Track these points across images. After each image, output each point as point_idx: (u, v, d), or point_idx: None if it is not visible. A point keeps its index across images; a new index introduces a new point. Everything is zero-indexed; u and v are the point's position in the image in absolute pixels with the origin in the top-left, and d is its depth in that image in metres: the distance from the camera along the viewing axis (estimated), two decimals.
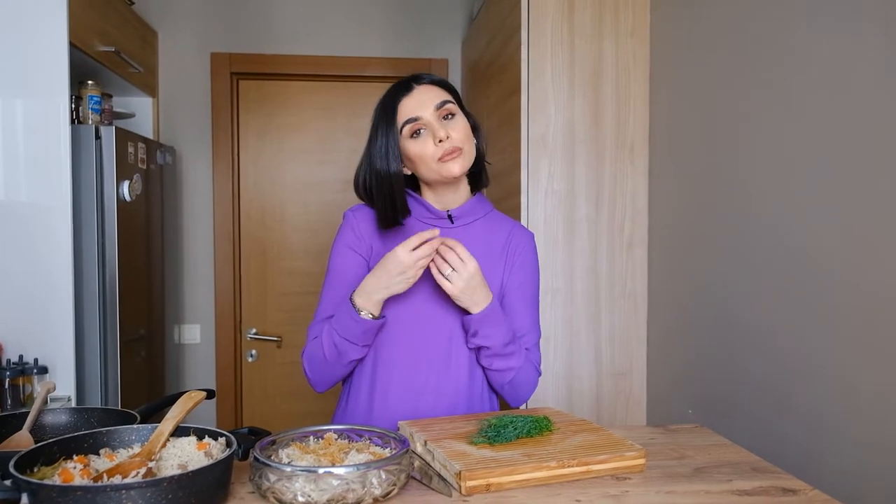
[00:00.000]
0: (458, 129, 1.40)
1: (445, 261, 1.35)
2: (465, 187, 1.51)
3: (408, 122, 1.40)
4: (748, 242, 1.70)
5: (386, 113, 1.42)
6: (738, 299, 1.75)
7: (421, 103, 1.40)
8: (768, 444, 1.58)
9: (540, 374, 1.53)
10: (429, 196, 1.49)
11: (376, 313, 1.37)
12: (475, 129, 1.48)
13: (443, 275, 1.35)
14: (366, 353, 1.45)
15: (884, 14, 1.26)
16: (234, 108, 3.32)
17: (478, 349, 1.45)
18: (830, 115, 1.40)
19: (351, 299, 1.37)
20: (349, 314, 1.37)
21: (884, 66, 1.26)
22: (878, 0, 1.28)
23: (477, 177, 1.52)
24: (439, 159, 1.39)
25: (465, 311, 1.42)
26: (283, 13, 3.28)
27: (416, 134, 1.40)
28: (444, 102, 1.41)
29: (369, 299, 1.36)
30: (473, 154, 1.45)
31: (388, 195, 1.42)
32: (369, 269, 1.45)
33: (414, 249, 1.31)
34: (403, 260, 1.31)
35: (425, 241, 1.32)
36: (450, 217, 1.49)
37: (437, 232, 1.33)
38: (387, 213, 1.43)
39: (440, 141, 1.38)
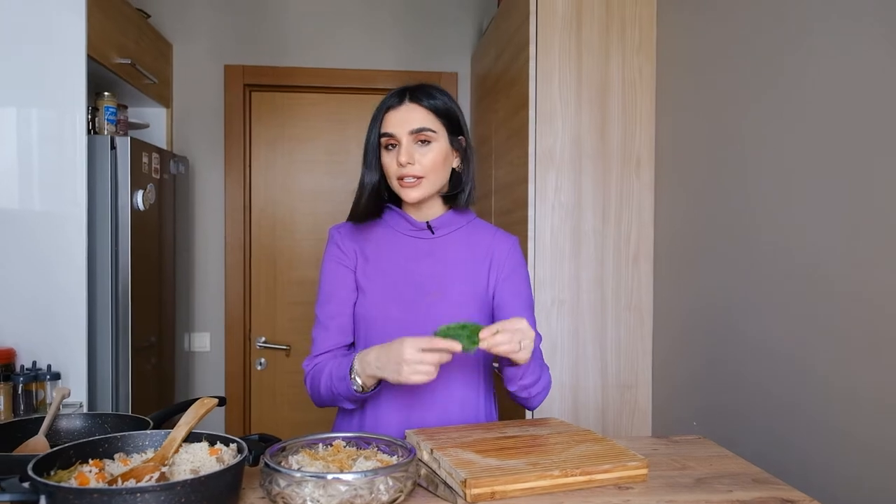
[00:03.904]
0: (428, 158, 1.43)
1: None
2: (437, 205, 1.54)
3: (383, 134, 1.46)
4: (752, 256, 1.72)
5: (375, 117, 1.48)
6: (741, 312, 1.77)
7: (400, 122, 1.44)
8: (772, 454, 1.60)
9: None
10: (407, 208, 1.54)
11: (368, 386, 1.38)
12: (465, 157, 1.50)
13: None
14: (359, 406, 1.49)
15: (888, 31, 1.29)
16: (247, 119, 3.37)
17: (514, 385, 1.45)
18: (834, 129, 1.43)
19: (353, 360, 1.38)
20: (344, 380, 1.39)
21: (889, 82, 1.29)
22: (882, 17, 1.30)
23: (455, 197, 1.54)
24: (398, 179, 1.45)
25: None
26: (296, 26, 3.33)
27: (388, 147, 1.46)
28: (422, 129, 1.43)
29: (364, 370, 1.36)
30: (441, 182, 1.48)
31: (360, 197, 1.51)
32: (357, 279, 1.52)
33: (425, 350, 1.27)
34: (406, 355, 1.27)
35: (438, 349, 1.27)
36: (430, 228, 1.53)
37: (457, 348, 1.27)
38: (354, 210, 1.52)
39: (400, 164, 1.43)
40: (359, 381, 1.37)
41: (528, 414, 2.21)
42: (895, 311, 1.25)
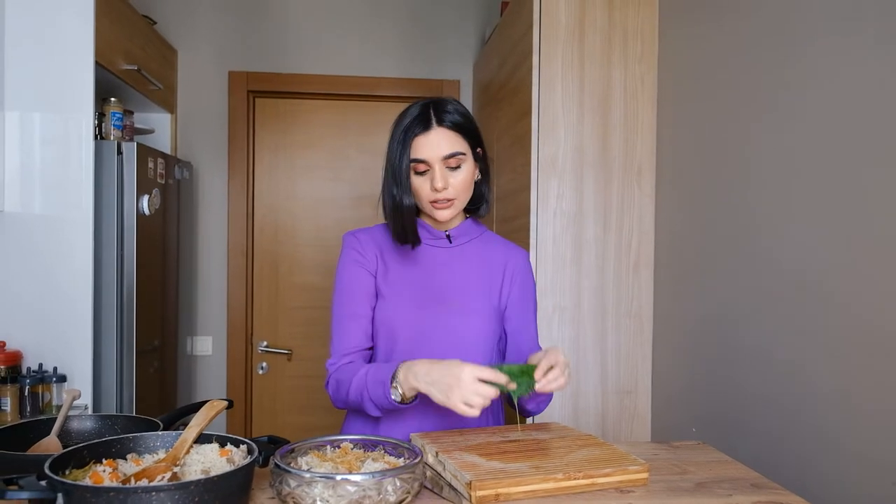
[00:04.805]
0: (459, 180, 1.45)
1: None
2: (458, 216, 1.58)
3: (415, 160, 1.44)
4: (751, 264, 1.75)
5: (403, 143, 1.45)
6: (740, 320, 1.80)
7: (432, 148, 1.43)
8: (769, 460, 1.62)
9: None
10: (426, 218, 1.56)
11: (408, 397, 1.34)
12: (484, 173, 1.54)
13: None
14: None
15: (889, 45, 1.32)
16: (250, 124, 3.40)
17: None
18: (834, 139, 1.45)
19: (397, 368, 1.34)
20: (383, 386, 1.34)
21: (890, 95, 1.32)
22: (883, 30, 1.33)
23: (475, 209, 1.58)
24: (431, 202, 1.46)
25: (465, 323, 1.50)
26: (299, 33, 3.37)
27: (419, 171, 1.46)
28: (454, 154, 1.44)
29: (408, 381, 1.31)
30: (467, 200, 1.51)
31: (401, 223, 1.48)
32: (377, 285, 1.52)
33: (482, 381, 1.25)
34: (464, 379, 1.24)
35: (496, 383, 1.25)
36: (448, 237, 1.56)
37: (512, 386, 1.27)
38: (399, 234, 1.50)
39: (435, 189, 1.44)
40: (400, 390, 1.33)
41: (529, 419, 2.23)
42: (892, 320, 1.28)
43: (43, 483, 0.98)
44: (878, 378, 1.31)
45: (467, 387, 1.23)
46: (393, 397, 1.33)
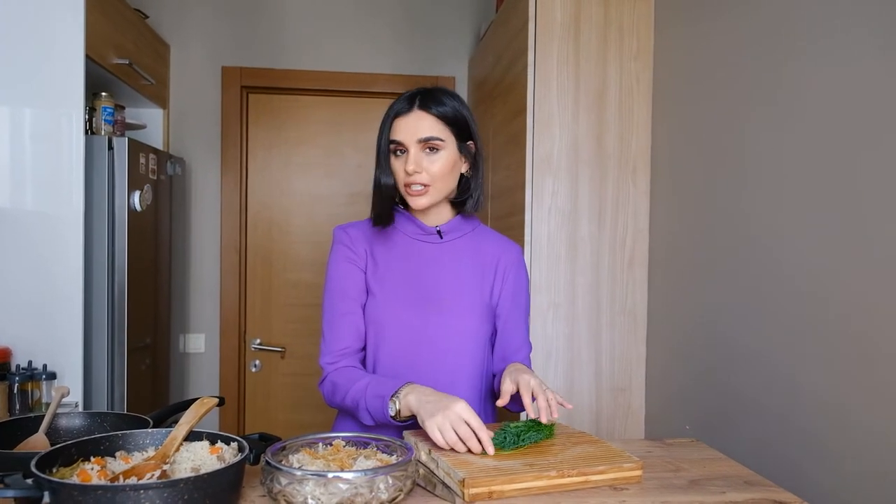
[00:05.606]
0: (437, 167, 1.44)
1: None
2: (446, 209, 1.55)
3: (392, 141, 1.46)
4: (745, 263, 1.74)
5: (384, 123, 1.48)
6: (734, 318, 1.79)
7: (409, 130, 1.44)
8: (762, 459, 1.62)
9: None
10: (416, 212, 1.54)
11: (403, 416, 1.33)
12: (474, 162, 1.52)
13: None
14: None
15: (884, 42, 1.31)
16: (244, 120, 3.37)
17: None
18: (830, 138, 1.45)
19: (401, 386, 1.33)
20: (382, 400, 1.34)
21: (884, 93, 1.31)
22: (877, 27, 1.33)
23: (463, 203, 1.55)
24: (405, 186, 1.46)
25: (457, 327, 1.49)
26: (294, 29, 3.35)
27: (396, 153, 1.47)
28: (430, 139, 1.43)
29: (408, 400, 1.30)
30: (449, 189, 1.49)
31: (377, 200, 1.50)
32: (367, 281, 1.51)
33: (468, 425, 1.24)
34: (454, 410, 1.23)
35: (477, 435, 1.24)
36: (439, 233, 1.54)
37: (490, 452, 1.23)
38: (376, 214, 1.51)
39: (407, 173, 1.43)
40: (397, 406, 1.32)
41: (523, 416, 2.22)
42: (886, 323, 1.28)
43: (29, 481, 0.97)
44: (870, 378, 1.31)
45: (450, 417, 1.23)
46: (389, 412, 1.33)
